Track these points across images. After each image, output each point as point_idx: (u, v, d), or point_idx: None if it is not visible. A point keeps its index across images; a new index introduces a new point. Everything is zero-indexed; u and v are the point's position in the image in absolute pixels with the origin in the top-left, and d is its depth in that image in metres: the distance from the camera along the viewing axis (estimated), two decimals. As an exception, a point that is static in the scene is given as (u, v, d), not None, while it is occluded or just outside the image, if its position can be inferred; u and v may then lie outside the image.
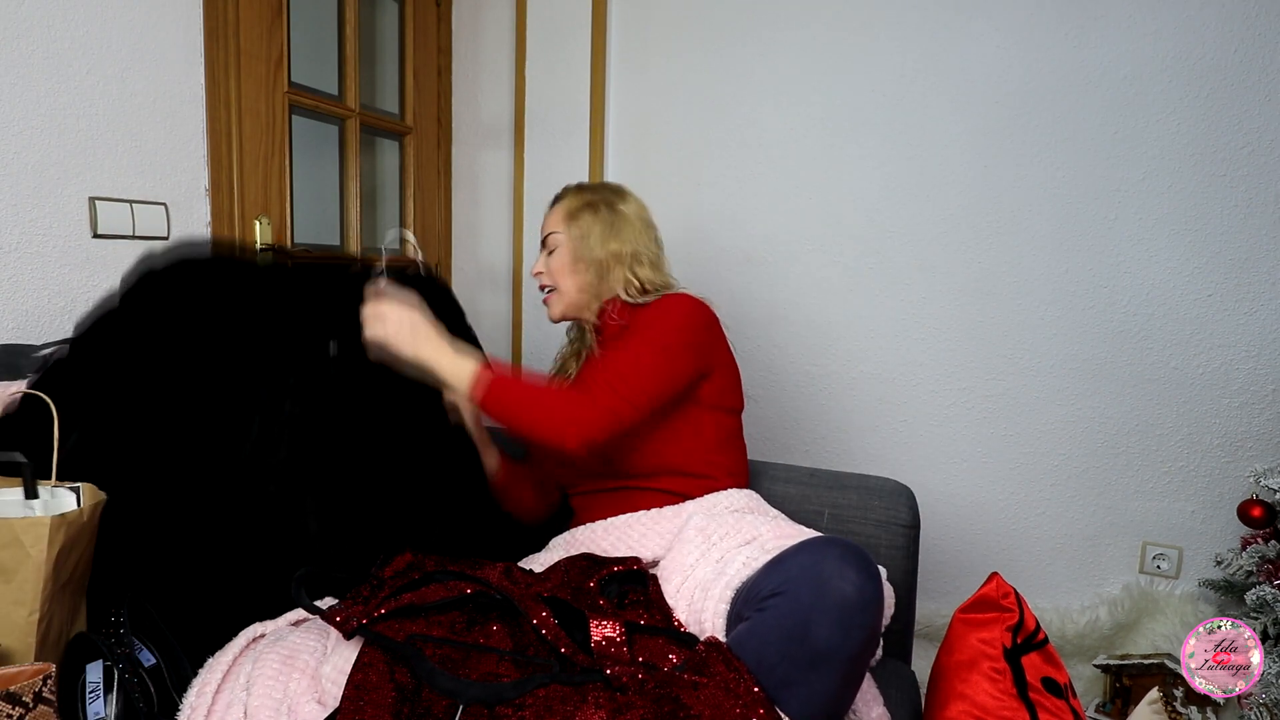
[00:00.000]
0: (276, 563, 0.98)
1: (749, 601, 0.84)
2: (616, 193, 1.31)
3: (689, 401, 1.17)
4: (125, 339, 1.02)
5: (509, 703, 0.73)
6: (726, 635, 0.87)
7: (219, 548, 1.00)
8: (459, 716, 0.73)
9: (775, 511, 1.15)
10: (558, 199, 1.33)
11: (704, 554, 1.00)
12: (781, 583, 0.80)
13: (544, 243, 1.30)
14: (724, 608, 0.90)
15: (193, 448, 1.01)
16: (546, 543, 1.20)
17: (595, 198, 1.28)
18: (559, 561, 1.03)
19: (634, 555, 1.08)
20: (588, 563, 1.01)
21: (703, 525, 1.05)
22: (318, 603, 0.94)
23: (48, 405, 0.89)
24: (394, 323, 1.07)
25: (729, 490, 1.15)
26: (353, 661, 0.79)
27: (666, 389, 1.11)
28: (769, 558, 0.91)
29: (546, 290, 1.30)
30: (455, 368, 1.07)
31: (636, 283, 1.24)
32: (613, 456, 1.17)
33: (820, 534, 1.03)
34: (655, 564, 1.07)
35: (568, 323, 1.36)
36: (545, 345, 2.08)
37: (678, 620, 0.93)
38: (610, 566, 1.00)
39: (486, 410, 1.07)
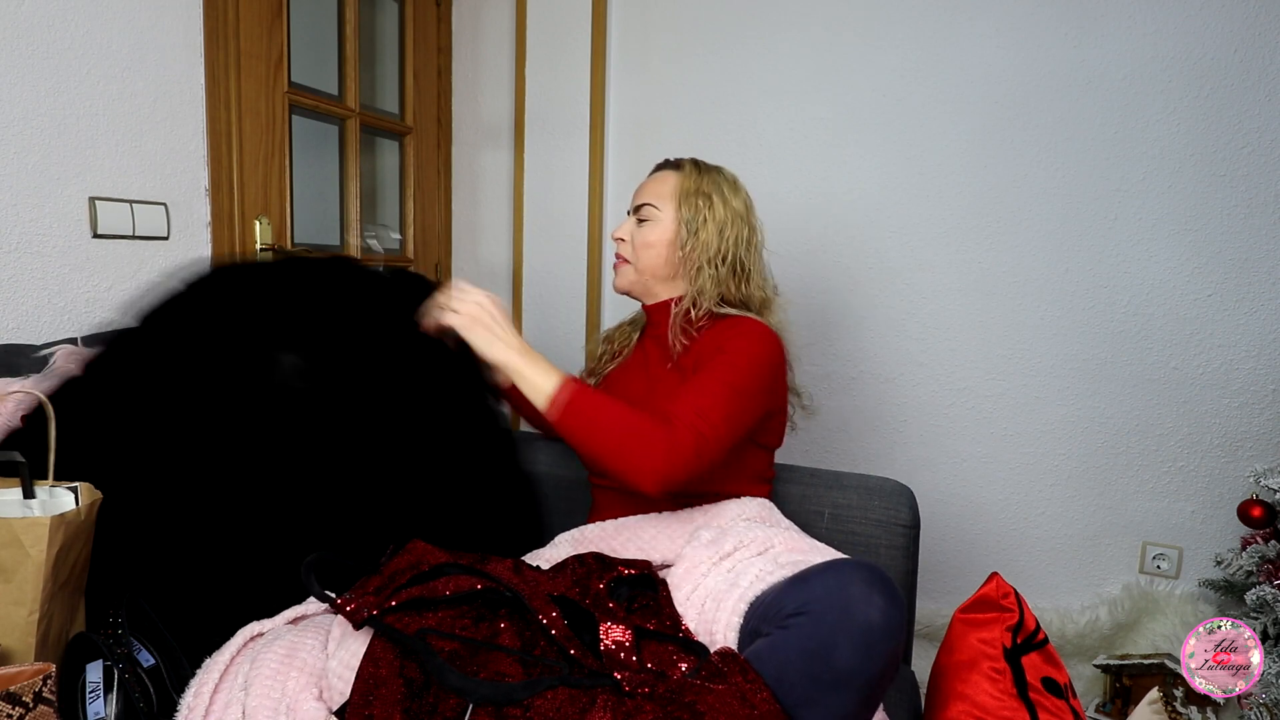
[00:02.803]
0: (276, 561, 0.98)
1: (768, 618, 0.84)
2: (731, 184, 1.22)
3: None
4: (142, 355, 1.03)
5: (518, 704, 0.73)
6: (740, 648, 0.87)
7: (220, 547, 1.00)
8: (468, 716, 0.73)
9: (788, 522, 1.15)
10: (669, 167, 1.25)
11: (715, 563, 0.99)
12: (805, 602, 0.79)
13: (636, 209, 1.21)
14: (737, 620, 0.89)
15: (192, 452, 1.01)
16: (552, 538, 1.20)
17: (712, 186, 1.19)
18: (568, 559, 1.03)
19: (644, 556, 1.08)
20: (597, 563, 1.01)
21: (714, 535, 1.04)
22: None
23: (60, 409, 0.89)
24: (473, 316, 1.03)
25: (742, 498, 1.15)
26: (361, 654, 0.79)
27: (741, 432, 1.08)
28: (785, 572, 0.91)
29: (620, 260, 1.24)
30: (538, 378, 1.02)
31: (720, 292, 1.18)
32: None
33: (835, 552, 1.04)
34: (665, 566, 1.07)
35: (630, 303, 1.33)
36: (546, 347, 2.08)
37: (686, 628, 0.92)
38: (620, 568, 1.00)
39: (563, 429, 1.01)
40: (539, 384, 1.01)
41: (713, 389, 1.05)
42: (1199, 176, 1.60)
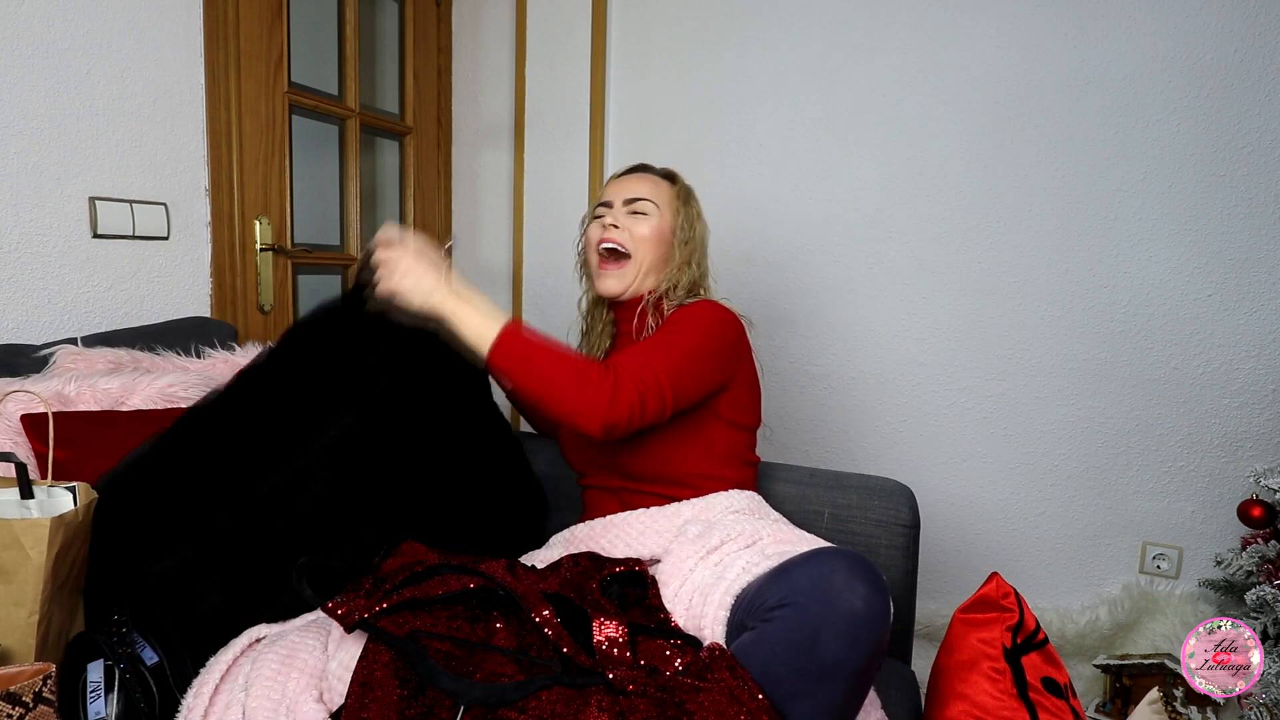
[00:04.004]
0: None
1: (753, 611, 0.83)
2: (697, 197, 1.31)
3: (705, 411, 1.15)
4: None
5: (512, 705, 0.73)
6: (727, 642, 0.87)
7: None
8: (460, 717, 0.73)
9: (776, 514, 1.14)
10: (654, 172, 1.29)
11: (702, 557, 0.99)
12: (788, 594, 0.79)
13: (627, 202, 1.22)
14: (724, 614, 0.89)
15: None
16: (547, 540, 1.20)
17: (693, 197, 1.29)
18: (562, 558, 1.03)
19: (633, 553, 1.08)
20: (590, 562, 1.01)
21: (701, 529, 1.04)
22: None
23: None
24: (410, 273, 1.00)
25: (729, 491, 1.15)
26: (357, 657, 0.79)
27: (690, 392, 1.08)
28: (770, 564, 0.91)
29: (615, 255, 1.21)
30: (479, 325, 0.99)
31: (690, 286, 1.24)
32: (620, 457, 1.17)
33: (823, 542, 1.03)
34: (654, 562, 1.07)
35: (584, 306, 1.34)
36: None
37: (676, 624, 0.92)
38: (613, 567, 1.00)
39: (506, 372, 0.99)
40: (481, 330, 0.99)
41: (658, 343, 1.09)
42: (1199, 176, 1.60)
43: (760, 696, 0.74)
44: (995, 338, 1.78)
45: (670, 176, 1.30)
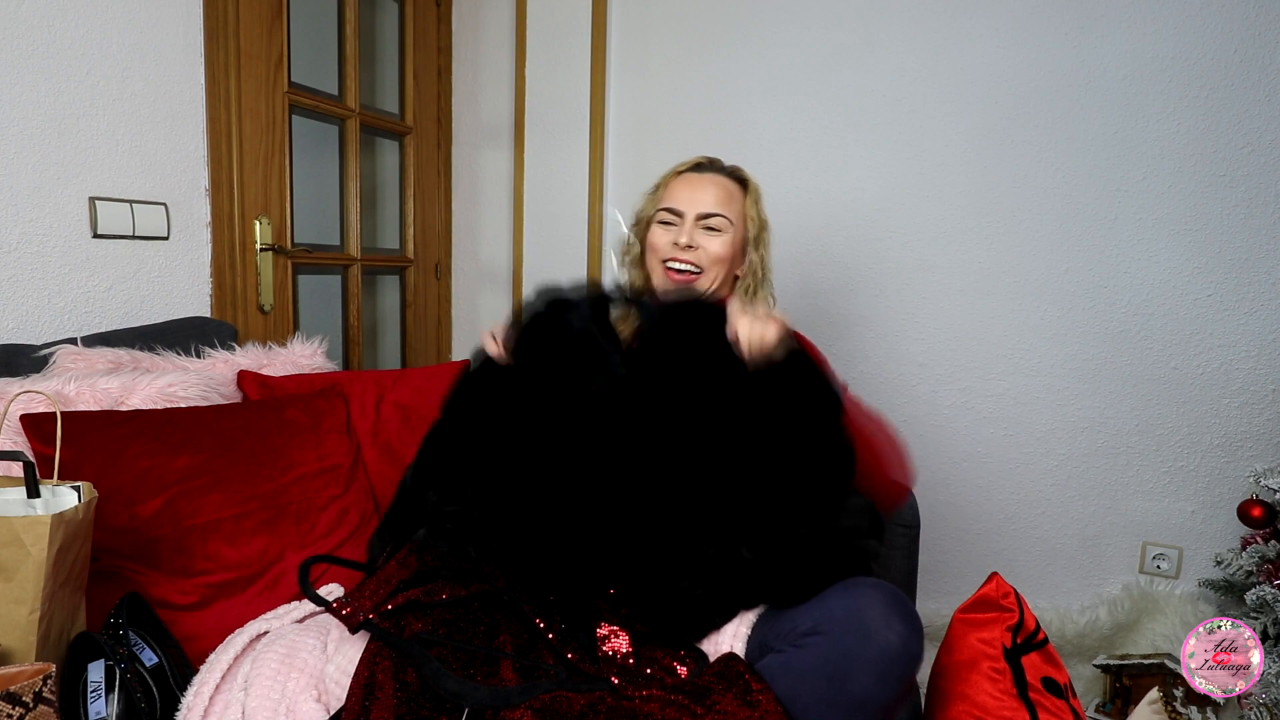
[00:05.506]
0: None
1: (781, 634, 0.83)
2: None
3: None
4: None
5: (514, 708, 0.73)
6: (746, 658, 0.87)
7: None
8: None
9: None
10: (726, 175, 1.24)
11: None
12: (822, 621, 0.79)
13: (705, 217, 1.18)
14: (745, 630, 0.89)
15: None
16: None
17: (764, 210, 1.25)
18: None
19: None
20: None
21: None
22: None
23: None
24: (769, 330, 0.97)
25: None
26: (358, 659, 0.79)
27: None
28: None
29: (688, 271, 1.18)
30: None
31: (754, 290, 1.23)
32: None
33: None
34: None
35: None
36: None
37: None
38: None
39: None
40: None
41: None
42: (1199, 176, 1.60)
43: (775, 704, 0.74)
44: (995, 338, 1.78)
45: (741, 180, 1.25)
